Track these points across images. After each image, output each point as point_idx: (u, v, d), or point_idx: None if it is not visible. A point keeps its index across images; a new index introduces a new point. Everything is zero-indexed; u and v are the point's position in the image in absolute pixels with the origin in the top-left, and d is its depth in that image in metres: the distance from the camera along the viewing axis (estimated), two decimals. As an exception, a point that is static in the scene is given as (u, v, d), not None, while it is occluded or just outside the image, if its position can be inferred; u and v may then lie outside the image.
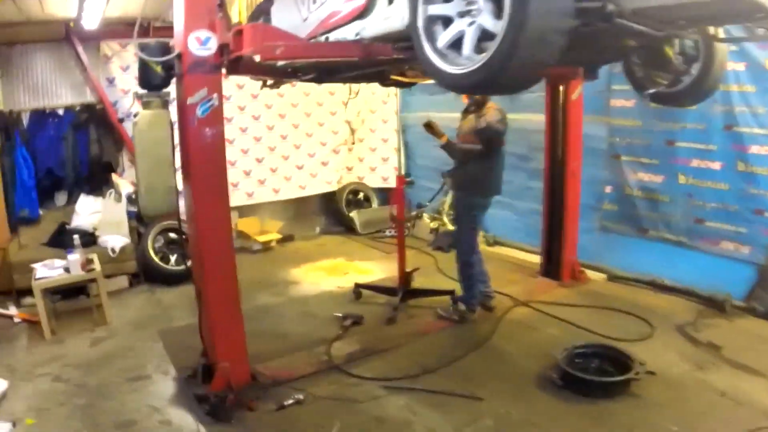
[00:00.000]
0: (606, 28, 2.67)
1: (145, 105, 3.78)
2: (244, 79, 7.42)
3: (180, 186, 4.11)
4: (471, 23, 2.43)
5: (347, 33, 3.38)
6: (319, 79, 5.31)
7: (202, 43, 3.46)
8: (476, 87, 2.55)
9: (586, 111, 6.24)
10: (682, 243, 5.91)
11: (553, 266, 6.48)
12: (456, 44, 2.53)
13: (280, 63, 4.49)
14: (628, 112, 6.27)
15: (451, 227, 7.99)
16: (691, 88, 3.75)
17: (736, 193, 5.44)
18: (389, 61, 3.72)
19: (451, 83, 2.65)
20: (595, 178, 6.56)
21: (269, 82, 5.54)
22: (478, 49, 2.42)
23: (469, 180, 5.22)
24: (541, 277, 6.55)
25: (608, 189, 6.62)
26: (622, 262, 6.45)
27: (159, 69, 3.65)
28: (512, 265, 7.07)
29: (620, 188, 6.45)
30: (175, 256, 6.95)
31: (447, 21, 2.56)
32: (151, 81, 3.72)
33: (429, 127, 5.56)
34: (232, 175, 7.94)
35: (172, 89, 3.92)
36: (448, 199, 8.24)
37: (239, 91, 8.16)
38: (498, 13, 2.28)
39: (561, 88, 6.02)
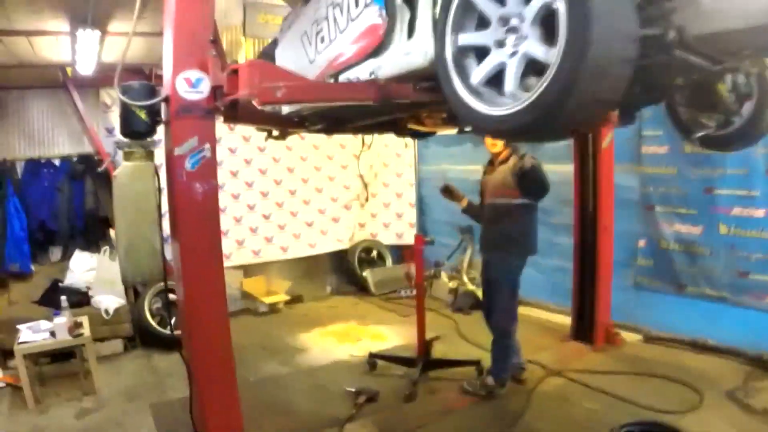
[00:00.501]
0: (662, 60, 2.26)
1: (127, 156, 3.31)
2: (251, 131, 7.05)
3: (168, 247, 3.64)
4: (513, 54, 2.00)
5: (360, 73, 2.99)
6: (328, 130, 4.93)
7: (192, 85, 3.02)
8: (523, 131, 2.08)
9: (615, 159, 5.84)
10: (725, 298, 5.48)
11: (584, 329, 5.95)
12: (494, 80, 2.11)
13: (285, 110, 4.12)
14: (661, 160, 5.89)
15: (471, 287, 7.50)
16: (745, 129, 3.37)
17: (784, 241, 4.98)
18: (409, 105, 3.30)
19: (490, 127, 2.23)
20: (628, 231, 6.11)
21: (274, 132, 5.17)
22: (524, 85, 1.99)
23: (506, 240, 4.72)
24: (572, 341, 6.01)
25: (642, 243, 6.18)
26: (659, 321, 5.97)
27: (143, 115, 3.20)
28: (539, 327, 6.52)
29: (655, 241, 6.02)
30: (174, 319, 6.45)
31: (482, 52, 2.15)
32: (134, 128, 3.25)
33: (447, 191, 5.20)
34: (237, 231, 7.68)
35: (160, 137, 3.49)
36: (467, 256, 7.80)
37: (245, 144, 7.83)
38: (548, 40, 1.86)
39: (590, 135, 5.59)
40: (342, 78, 3.11)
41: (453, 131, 5.59)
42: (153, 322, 6.37)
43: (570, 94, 1.78)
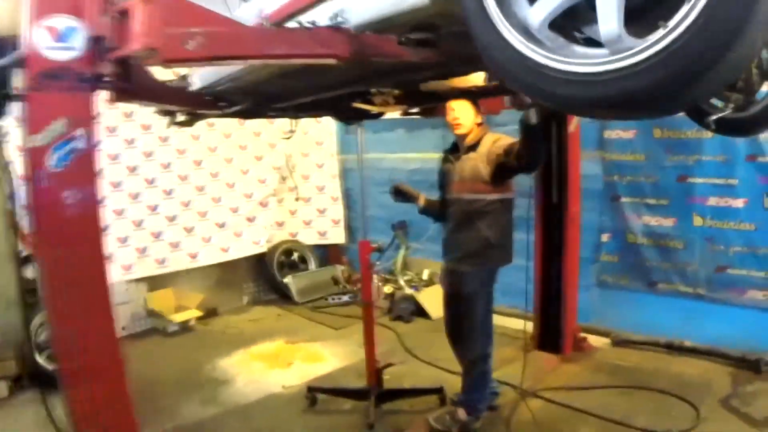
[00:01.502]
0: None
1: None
2: (152, 117, 5.77)
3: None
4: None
5: (316, 17, 2.03)
6: (249, 113, 3.91)
7: (59, 38, 1.93)
8: (635, 101, 1.24)
9: (576, 145, 5.19)
10: (702, 296, 5.08)
11: (550, 336, 5.27)
12: (567, 20, 1.33)
13: (196, 83, 3.06)
14: (627, 145, 5.35)
15: (408, 290, 6.67)
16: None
17: (765, 233, 4.69)
18: (394, 70, 2.36)
19: (568, 96, 1.35)
20: (590, 224, 5.50)
21: (179, 117, 4.08)
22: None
23: (479, 245, 3.82)
24: (538, 351, 5.31)
25: (606, 237, 5.64)
26: (627, 322, 5.45)
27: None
28: (497, 335, 5.76)
29: (621, 235, 5.50)
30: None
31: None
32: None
33: (399, 194, 4.28)
34: (138, 238, 6.57)
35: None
36: (401, 256, 6.99)
37: (145, 134, 6.63)
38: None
39: (552, 117, 4.86)
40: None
41: (395, 113, 4.76)
42: (41, 359, 5.05)
43: (737, 38, 1.07)
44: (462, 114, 3.84)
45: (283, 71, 2.50)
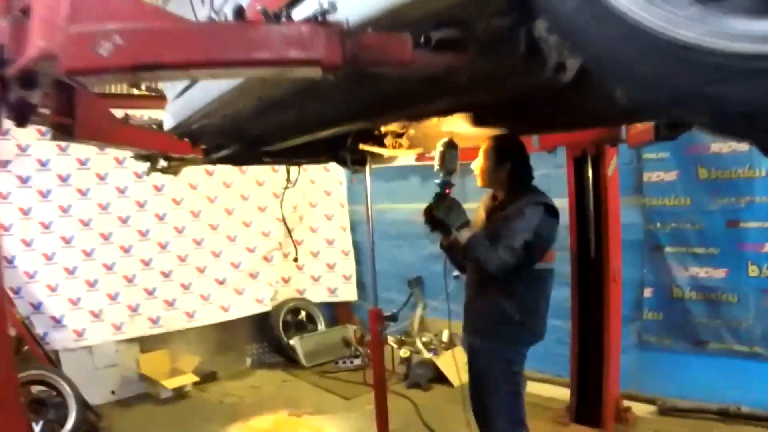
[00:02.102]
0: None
1: None
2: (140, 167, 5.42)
3: None
4: None
5: (302, 11, 1.48)
6: (239, 158, 3.43)
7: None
8: None
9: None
10: (758, 354, 4.50)
11: (589, 406, 4.61)
12: None
13: (168, 122, 2.57)
14: (669, 189, 4.82)
15: (427, 355, 6.04)
16: None
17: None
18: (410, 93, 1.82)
19: (729, 96, 0.81)
20: (630, 278, 4.91)
21: (161, 162, 3.58)
22: None
23: (499, 319, 3.11)
24: (574, 425, 4.65)
25: (648, 292, 5.03)
26: (674, 387, 4.85)
27: None
28: (528, 405, 5.12)
29: (665, 290, 4.91)
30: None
31: None
32: None
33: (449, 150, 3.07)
34: (130, 294, 6.16)
35: None
36: (417, 315, 6.40)
37: (137, 182, 6.23)
38: None
39: (588, 160, 4.35)
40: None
41: (408, 157, 4.29)
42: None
43: None
44: (479, 160, 3.22)
45: (266, 101, 1.99)
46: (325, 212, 7.53)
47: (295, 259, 6.38)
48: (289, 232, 6.48)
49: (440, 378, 5.86)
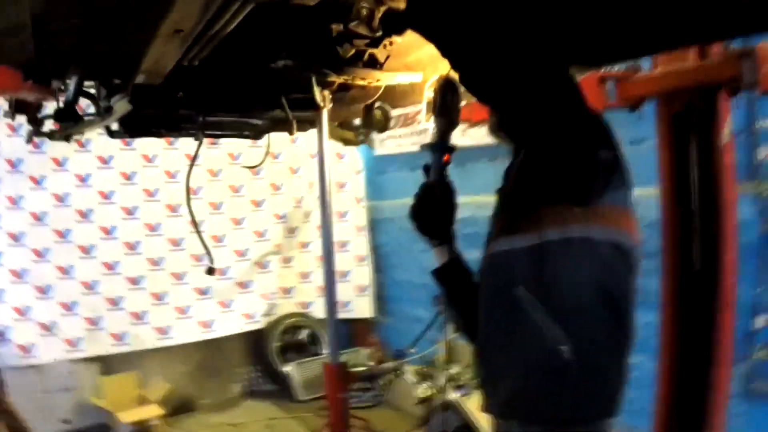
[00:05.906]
0: None
1: None
2: (106, 148, 4.90)
3: None
4: None
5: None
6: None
7: None
8: None
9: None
10: None
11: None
12: None
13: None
14: None
15: (454, 395, 4.71)
16: None
17: None
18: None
19: None
20: (738, 301, 3.49)
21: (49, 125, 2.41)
22: None
23: (549, 368, 1.48)
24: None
25: (763, 321, 3.59)
26: None
27: None
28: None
29: None
30: None
31: None
32: None
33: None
34: (89, 304, 5.36)
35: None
36: (446, 340, 5.12)
37: (102, 170, 5.39)
38: None
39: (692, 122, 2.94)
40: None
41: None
42: None
43: None
44: None
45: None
46: (336, 209, 6.32)
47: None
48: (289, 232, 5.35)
49: (470, 427, 4.50)
